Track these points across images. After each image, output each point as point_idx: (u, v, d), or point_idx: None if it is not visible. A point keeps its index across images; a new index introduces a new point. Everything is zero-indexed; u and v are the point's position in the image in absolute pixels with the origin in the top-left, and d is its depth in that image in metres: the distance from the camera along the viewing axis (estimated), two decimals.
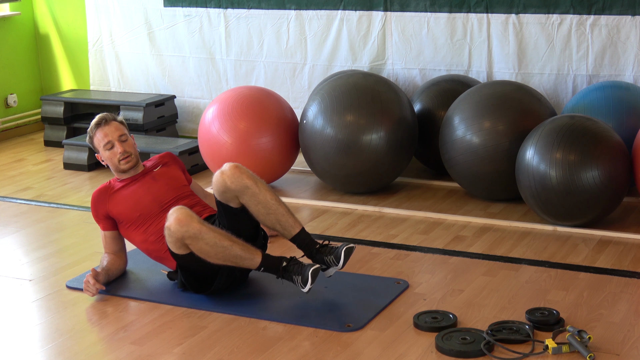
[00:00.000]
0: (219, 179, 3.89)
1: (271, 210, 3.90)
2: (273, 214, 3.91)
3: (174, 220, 3.74)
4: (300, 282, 3.78)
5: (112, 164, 4.23)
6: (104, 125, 4.22)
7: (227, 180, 3.87)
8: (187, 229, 3.72)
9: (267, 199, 3.89)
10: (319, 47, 6.30)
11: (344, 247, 3.87)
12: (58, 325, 3.82)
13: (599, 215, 4.68)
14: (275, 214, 3.91)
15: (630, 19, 5.37)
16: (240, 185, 3.86)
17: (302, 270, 3.78)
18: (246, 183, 3.87)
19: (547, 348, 3.37)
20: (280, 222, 3.92)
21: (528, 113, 5.04)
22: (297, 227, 3.95)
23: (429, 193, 5.47)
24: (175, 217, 3.75)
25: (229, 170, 3.89)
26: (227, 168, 3.90)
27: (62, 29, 7.38)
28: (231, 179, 3.86)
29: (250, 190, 3.87)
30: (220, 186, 3.89)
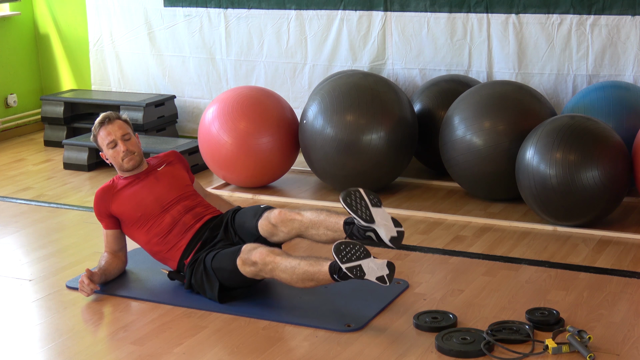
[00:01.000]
0: (269, 228, 3.94)
1: (318, 223, 3.87)
2: (321, 226, 3.87)
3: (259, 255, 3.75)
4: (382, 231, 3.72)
5: (115, 162, 4.24)
6: (107, 124, 4.22)
7: (280, 225, 3.92)
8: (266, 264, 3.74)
9: (310, 219, 3.89)
10: (319, 47, 6.30)
11: None
12: (58, 325, 3.82)
13: (599, 215, 4.68)
14: (323, 224, 3.87)
15: (630, 19, 5.37)
16: (289, 226, 3.91)
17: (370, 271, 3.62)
18: (293, 217, 3.90)
19: (547, 348, 3.37)
20: (329, 227, 3.86)
21: (528, 113, 5.04)
22: (340, 219, 3.87)
23: (429, 193, 5.47)
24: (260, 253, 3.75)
25: (274, 219, 3.93)
26: (273, 217, 3.93)
27: (62, 29, 7.38)
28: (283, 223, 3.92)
29: (297, 222, 3.90)
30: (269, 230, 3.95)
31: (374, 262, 3.56)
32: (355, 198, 3.76)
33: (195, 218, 4.13)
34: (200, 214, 4.16)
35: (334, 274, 3.61)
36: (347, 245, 3.57)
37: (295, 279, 3.69)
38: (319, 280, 3.66)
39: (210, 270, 3.89)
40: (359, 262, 3.53)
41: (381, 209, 3.76)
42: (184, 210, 4.15)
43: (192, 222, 4.12)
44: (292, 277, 3.69)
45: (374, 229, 3.72)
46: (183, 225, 4.10)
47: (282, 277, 3.72)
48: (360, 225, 3.73)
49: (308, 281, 3.69)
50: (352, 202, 3.75)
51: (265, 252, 3.75)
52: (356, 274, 3.52)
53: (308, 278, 3.68)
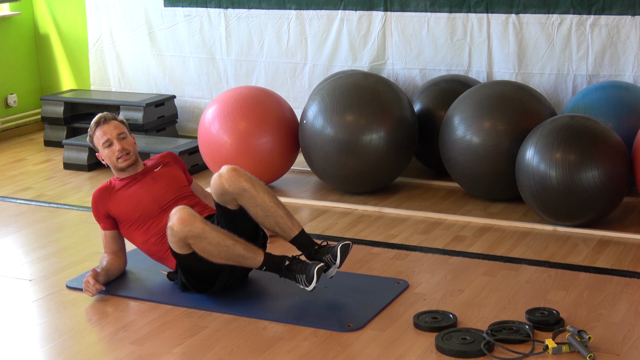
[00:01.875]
0: (217, 182, 3.89)
1: (269, 213, 3.90)
2: (272, 216, 3.91)
3: (177, 219, 3.74)
4: (304, 281, 3.78)
5: (110, 162, 4.24)
6: (103, 124, 4.23)
7: (225, 183, 3.87)
8: (190, 228, 3.72)
9: (265, 202, 3.89)
10: (319, 47, 6.30)
11: (339, 245, 3.88)
12: (58, 325, 3.82)
13: (599, 215, 4.68)
14: (274, 216, 3.91)
15: (630, 19, 5.37)
16: (237, 188, 3.86)
17: (307, 269, 3.78)
18: (244, 186, 3.87)
19: (547, 348, 3.37)
20: (279, 224, 3.92)
21: (528, 113, 5.04)
22: (296, 229, 3.95)
23: (429, 193, 5.47)
24: (179, 217, 3.74)
25: (226, 173, 3.89)
26: (225, 171, 3.90)
27: (62, 29, 7.38)
28: (229, 182, 3.86)
29: (248, 192, 3.87)
30: (218, 189, 3.89)
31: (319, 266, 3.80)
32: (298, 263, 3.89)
33: None
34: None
35: (263, 267, 3.83)
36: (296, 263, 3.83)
37: (224, 256, 3.77)
38: (245, 264, 3.83)
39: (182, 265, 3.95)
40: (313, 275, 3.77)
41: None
42: None
43: None
44: (220, 253, 3.76)
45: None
46: None
47: (208, 249, 3.75)
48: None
49: (233, 261, 3.80)
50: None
51: (185, 214, 3.74)
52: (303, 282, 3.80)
53: (236, 260, 3.79)
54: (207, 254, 3.77)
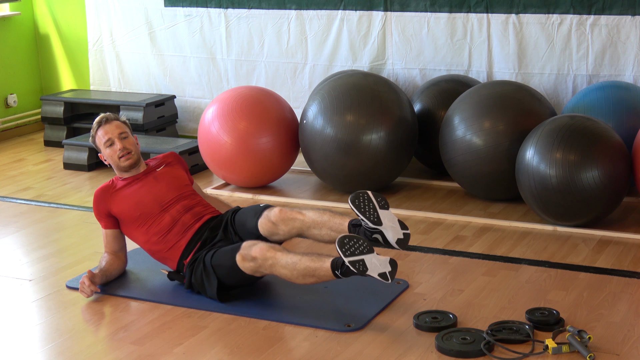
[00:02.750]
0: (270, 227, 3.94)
1: (321, 224, 3.89)
2: (324, 227, 3.89)
3: (259, 250, 3.74)
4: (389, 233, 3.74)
5: (112, 161, 4.24)
6: (105, 124, 4.24)
7: (280, 224, 3.92)
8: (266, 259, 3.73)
9: (312, 219, 3.90)
10: (320, 47, 6.30)
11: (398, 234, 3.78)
12: (58, 325, 3.82)
13: (599, 215, 4.68)
14: (325, 224, 3.89)
15: (630, 19, 5.37)
16: (290, 226, 3.91)
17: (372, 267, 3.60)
18: (294, 217, 3.91)
19: (547, 348, 3.37)
20: (332, 228, 3.88)
21: (528, 113, 5.04)
22: (345, 221, 3.88)
23: (429, 193, 5.47)
24: (260, 248, 3.75)
25: (274, 217, 3.93)
26: (273, 215, 3.93)
27: (62, 29, 7.38)
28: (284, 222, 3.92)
29: (298, 222, 3.90)
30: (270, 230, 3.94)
31: (377, 258, 3.55)
32: (363, 200, 3.77)
33: (194, 217, 4.14)
34: (199, 214, 4.16)
35: (336, 270, 3.59)
36: (351, 239, 3.55)
37: (296, 274, 3.68)
38: (320, 276, 3.65)
39: (210, 267, 3.89)
40: (362, 257, 3.52)
41: (388, 211, 3.79)
42: (184, 209, 4.15)
43: (191, 221, 4.12)
44: (292, 272, 3.68)
45: (381, 231, 3.72)
46: (182, 225, 4.10)
47: (282, 272, 3.71)
48: (367, 227, 3.74)
49: (309, 277, 3.67)
50: (360, 204, 3.76)
51: (265, 247, 3.75)
52: (359, 269, 3.50)
53: (309, 274, 3.66)
54: (285, 277, 3.74)
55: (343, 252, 3.51)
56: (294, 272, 3.68)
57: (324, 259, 3.65)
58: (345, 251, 3.51)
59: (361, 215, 3.74)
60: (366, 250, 3.54)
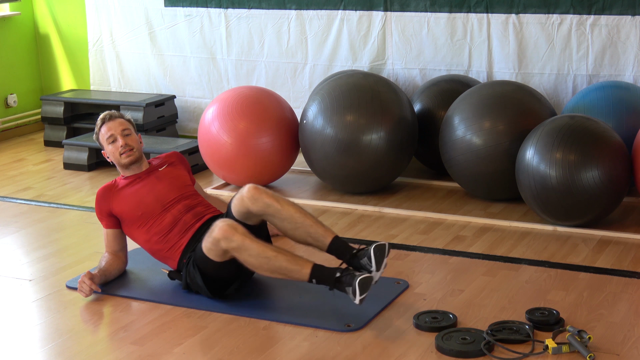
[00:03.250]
0: (240, 203, 3.85)
1: (298, 224, 3.82)
2: (301, 227, 3.83)
3: (219, 230, 3.70)
4: (351, 293, 3.63)
5: (114, 158, 4.25)
6: (108, 121, 4.26)
7: (249, 202, 3.82)
8: (230, 240, 3.68)
9: (291, 214, 3.83)
10: (320, 47, 6.30)
11: (372, 247, 3.73)
12: (58, 325, 3.82)
13: (599, 215, 4.68)
14: (303, 226, 3.83)
15: (630, 19, 5.37)
16: (262, 205, 3.82)
17: (353, 281, 3.61)
18: (267, 202, 3.82)
19: (547, 348, 3.37)
20: (310, 234, 3.83)
21: (528, 113, 5.04)
22: (329, 235, 3.83)
23: (429, 193, 5.47)
24: (220, 227, 3.70)
25: (247, 192, 3.84)
26: (246, 190, 3.85)
27: (62, 29, 7.38)
28: (252, 200, 3.82)
29: (272, 208, 3.82)
30: (242, 208, 3.85)
31: None
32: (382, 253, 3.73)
33: (195, 217, 4.14)
34: (200, 214, 4.16)
35: (313, 279, 3.64)
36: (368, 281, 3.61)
37: (266, 268, 3.68)
38: (292, 277, 3.68)
39: (195, 263, 3.91)
40: None
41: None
42: (185, 209, 4.16)
43: (192, 221, 4.12)
44: (262, 266, 3.67)
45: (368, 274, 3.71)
46: (183, 225, 4.10)
47: (249, 261, 3.68)
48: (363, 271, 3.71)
49: (278, 274, 3.69)
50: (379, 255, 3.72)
51: (226, 226, 3.69)
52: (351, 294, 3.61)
53: (281, 272, 3.68)
54: (250, 265, 3.72)
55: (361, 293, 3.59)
56: (265, 265, 3.67)
57: (303, 265, 3.66)
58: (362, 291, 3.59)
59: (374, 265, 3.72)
60: None
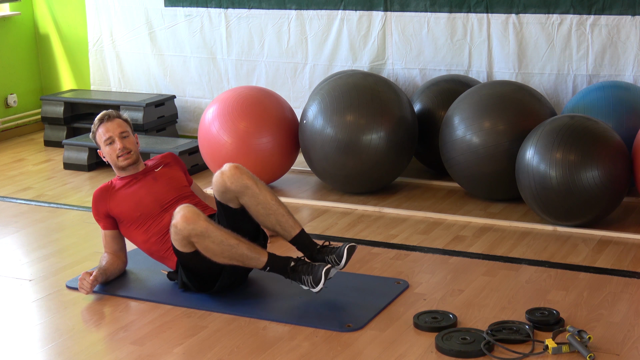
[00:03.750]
0: (219, 179, 3.89)
1: (271, 211, 3.90)
2: (273, 215, 3.91)
3: (181, 217, 3.74)
4: (311, 282, 3.77)
5: (111, 160, 4.24)
6: (106, 121, 4.25)
7: (227, 181, 3.87)
8: (194, 226, 3.72)
9: (267, 200, 3.89)
10: (320, 47, 6.30)
11: (346, 246, 3.88)
12: (58, 325, 3.82)
13: (599, 215, 4.68)
14: (275, 215, 3.91)
15: (630, 19, 5.37)
16: (240, 185, 3.86)
17: (313, 270, 3.77)
18: (246, 183, 3.87)
19: (547, 348, 3.37)
20: (280, 222, 3.92)
21: (528, 113, 5.04)
22: (297, 228, 3.95)
23: (429, 193, 5.47)
24: (182, 215, 3.74)
25: (228, 171, 3.89)
26: (227, 168, 3.90)
27: (62, 29, 7.38)
28: (231, 179, 3.87)
29: (250, 190, 3.88)
30: (220, 186, 3.89)
31: None
32: None
33: None
34: None
35: (268, 267, 3.82)
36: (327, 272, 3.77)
37: (227, 255, 3.76)
38: (249, 264, 3.82)
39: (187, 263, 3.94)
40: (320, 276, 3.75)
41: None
42: None
43: None
44: (223, 252, 3.75)
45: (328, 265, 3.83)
46: None
47: (211, 247, 3.75)
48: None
49: (236, 261, 3.79)
50: None
51: (189, 213, 3.74)
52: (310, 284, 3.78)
53: (239, 259, 3.78)
54: (210, 253, 3.77)
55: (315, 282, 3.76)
56: (226, 252, 3.76)
57: (261, 253, 3.80)
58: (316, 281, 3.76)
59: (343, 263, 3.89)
60: None
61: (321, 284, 3.74)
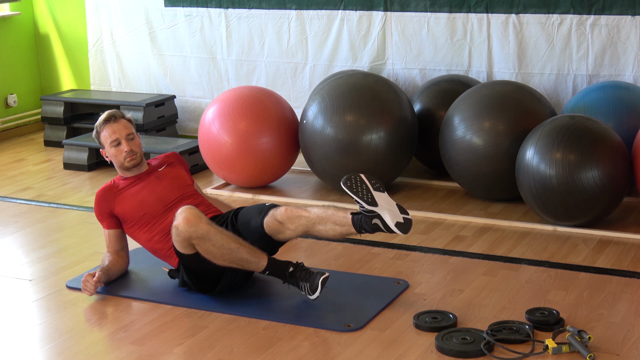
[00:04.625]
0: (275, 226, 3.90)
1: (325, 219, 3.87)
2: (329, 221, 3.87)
3: (183, 219, 3.74)
4: (308, 290, 3.79)
5: (116, 161, 4.24)
6: (112, 122, 4.22)
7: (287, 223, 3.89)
8: (195, 229, 3.73)
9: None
10: (320, 47, 6.30)
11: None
12: (58, 325, 3.82)
13: (599, 215, 4.68)
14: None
15: (630, 19, 5.37)
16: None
17: (311, 278, 3.78)
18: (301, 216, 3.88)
19: (547, 348, 3.37)
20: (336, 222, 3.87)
21: (528, 113, 5.04)
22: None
23: (429, 193, 5.47)
24: (184, 217, 3.75)
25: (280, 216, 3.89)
26: (279, 213, 3.89)
27: (62, 29, 7.38)
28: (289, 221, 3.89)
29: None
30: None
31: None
32: (355, 182, 3.79)
33: None
34: None
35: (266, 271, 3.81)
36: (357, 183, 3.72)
37: (227, 259, 3.76)
38: (248, 268, 3.82)
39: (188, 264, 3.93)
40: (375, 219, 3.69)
41: (384, 194, 3.79)
42: None
43: None
44: (223, 255, 3.75)
45: (378, 214, 3.71)
46: None
47: (211, 251, 3.75)
48: (363, 209, 3.73)
49: (235, 264, 3.79)
50: (352, 185, 3.78)
51: (191, 215, 3.74)
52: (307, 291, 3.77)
53: (239, 263, 3.78)
54: (210, 255, 3.78)
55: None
56: (226, 256, 3.75)
57: (261, 257, 3.79)
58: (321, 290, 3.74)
59: (355, 196, 3.75)
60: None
61: (317, 292, 3.77)
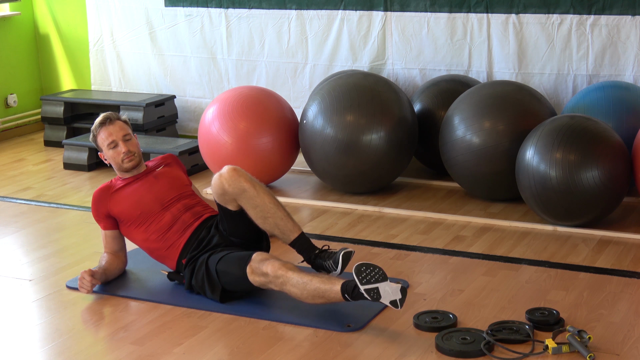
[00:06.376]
0: (217, 182, 3.89)
1: (269, 214, 3.89)
2: (271, 218, 3.89)
3: (271, 267, 3.71)
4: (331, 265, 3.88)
5: (115, 162, 4.24)
6: (108, 125, 4.22)
7: (225, 183, 3.87)
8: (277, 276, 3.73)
9: (264, 202, 3.88)
10: (320, 47, 6.30)
11: (341, 252, 3.86)
12: (58, 325, 3.82)
13: (599, 215, 4.68)
14: (274, 218, 3.89)
15: (630, 19, 5.37)
16: (237, 188, 3.86)
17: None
18: (244, 186, 3.87)
19: (547, 348, 3.37)
20: (279, 226, 3.91)
21: (528, 113, 5.04)
22: (297, 231, 3.93)
23: (429, 193, 5.47)
24: (272, 264, 3.73)
25: (226, 173, 3.89)
26: (225, 171, 3.90)
27: (62, 29, 7.38)
28: (229, 181, 3.87)
29: (248, 193, 3.87)
30: (218, 189, 3.89)
31: (389, 285, 3.53)
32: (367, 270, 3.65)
33: (194, 216, 4.14)
34: (199, 213, 4.16)
35: (345, 294, 3.58)
36: (368, 267, 3.56)
37: (306, 294, 3.67)
38: (329, 298, 3.64)
39: (214, 273, 3.88)
40: (376, 285, 3.51)
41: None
42: (184, 208, 4.16)
43: (191, 220, 4.12)
44: (302, 292, 3.67)
45: None
46: (182, 223, 4.10)
47: (292, 291, 3.69)
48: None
49: (318, 298, 3.66)
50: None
51: (278, 265, 3.71)
52: (372, 296, 3.50)
53: (319, 295, 3.65)
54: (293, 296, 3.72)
55: (360, 280, 3.51)
56: (304, 292, 3.66)
57: (334, 281, 3.64)
58: (361, 279, 3.51)
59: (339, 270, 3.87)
60: (381, 278, 3.53)
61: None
